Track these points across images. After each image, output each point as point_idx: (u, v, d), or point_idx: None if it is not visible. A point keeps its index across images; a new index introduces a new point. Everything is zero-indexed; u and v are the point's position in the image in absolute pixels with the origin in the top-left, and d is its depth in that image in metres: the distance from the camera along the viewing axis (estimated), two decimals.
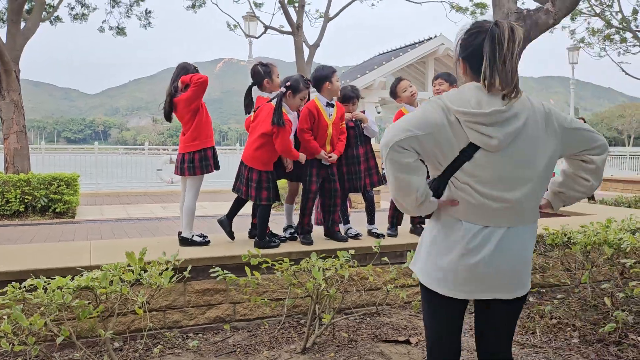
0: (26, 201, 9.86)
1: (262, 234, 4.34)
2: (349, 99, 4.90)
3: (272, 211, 4.42)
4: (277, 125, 4.16)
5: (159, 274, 3.10)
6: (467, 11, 16.37)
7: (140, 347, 3.56)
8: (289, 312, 4.12)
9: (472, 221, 1.90)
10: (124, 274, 3.03)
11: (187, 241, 4.34)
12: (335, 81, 4.51)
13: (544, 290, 4.81)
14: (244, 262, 3.65)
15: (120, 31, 16.03)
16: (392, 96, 4.98)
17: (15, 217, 9.76)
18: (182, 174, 4.40)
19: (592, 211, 6.89)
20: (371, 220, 4.99)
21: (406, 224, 5.16)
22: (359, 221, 5.40)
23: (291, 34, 15.00)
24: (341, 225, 4.85)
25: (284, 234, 4.76)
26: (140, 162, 17.63)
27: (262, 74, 4.57)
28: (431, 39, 17.63)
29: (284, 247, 4.35)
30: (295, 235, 4.69)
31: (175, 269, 3.41)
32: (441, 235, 1.97)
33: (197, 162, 4.35)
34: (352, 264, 3.68)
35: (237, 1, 15.99)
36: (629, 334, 3.66)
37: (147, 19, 15.93)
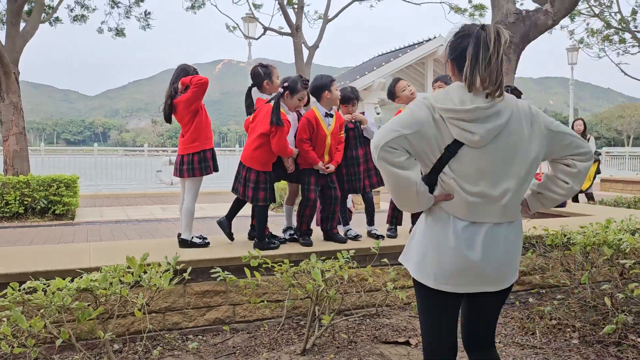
0: (25, 203, 9.86)
1: (261, 235, 4.34)
2: (348, 100, 4.89)
3: (272, 212, 4.42)
4: (275, 124, 4.16)
5: (158, 276, 3.10)
6: (466, 12, 16.40)
7: (139, 349, 3.56)
8: (289, 314, 4.12)
9: (460, 216, 1.96)
10: (123, 275, 3.03)
11: (187, 243, 4.34)
12: (334, 90, 4.50)
13: (544, 291, 4.82)
14: (244, 263, 3.65)
15: (119, 32, 16.04)
16: (391, 97, 4.92)
17: (14, 219, 9.76)
18: (181, 175, 4.40)
19: (592, 212, 6.89)
20: (371, 221, 4.99)
21: (406, 224, 5.16)
22: (358, 222, 5.40)
23: (290, 35, 15.02)
24: (340, 226, 4.85)
25: (283, 235, 4.76)
26: (139, 163, 17.64)
27: (262, 75, 4.57)
28: (430, 40, 17.64)
29: (284, 248, 4.35)
30: (294, 236, 4.69)
31: (175, 270, 3.41)
32: (432, 229, 2.03)
33: (196, 163, 4.35)
34: (351, 265, 3.68)
35: (237, 2, 16.01)
36: (628, 334, 3.67)
37: (146, 20, 15.94)
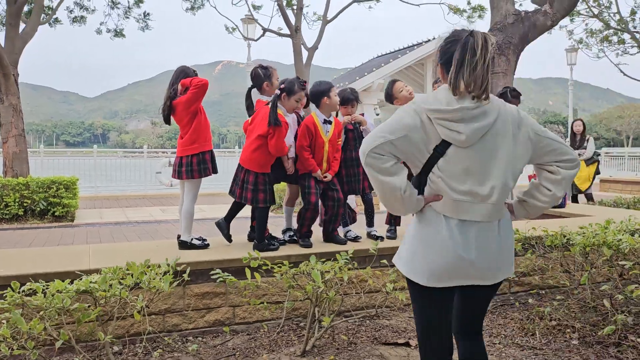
0: (25, 205, 9.86)
1: (260, 237, 4.34)
2: (348, 102, 4.88)
3: (272, 214, 4.42)
4: (273, 125, 4.16)
5: (158, 278, 3.10)
6: (465, 13, 16.41)
7: (139, 351, 3.55)
8: (289, 315, 4.12)
9: (450, 215, 2.02)
10: (123, 278, 3.03)
11: (186, 244, 4.34)
12: (333, 96, 4.50)
13: (544, 291, 4.82)
14: (244, 264, 3.65)
15: (118, 33, 16.04)
16: (389, 100, 4.87)
17: (14, 221, 9.76)
18: (180, 177, 4.39)
19: (591, 212, 6.89)
20: (370, 222, 4.99)
21: (405, 225, 5.15)
22: (358, 224, 5.39)
23: (290, 36, 15.02)
24: (340, 227, 4.85)
25: (283, 236, 4.75)
26: (139, 165, 17.65)
27: (262, 76, 4.57)
28: (429, 41, 17.64)
29: (283, 249, 4.35)
30: (294, 238, 4.69)
31: (174, 272, 3.41)
32: (423, 229, 2.10)
33: (195, 165, 4.34)
34: (351, 266, 3.68)
35: (236, 4, 16.01)
36: (628, 335, 3.66)
37: (145, 21, 15.95)
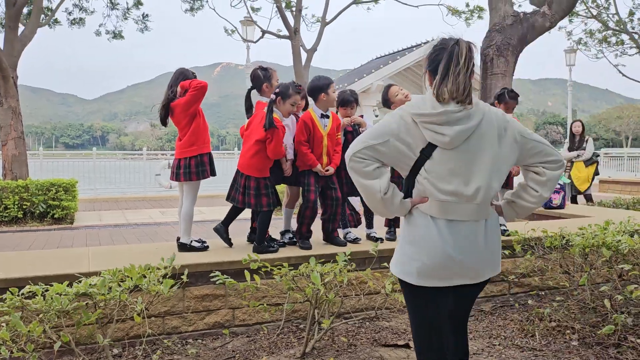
0: (24, 207, 9.85)
1: (261, 239, 4.34)
2: (347, 103, 4.88)
3: (272, 215, 4.41)
4: (269, 129, 4.16)
5: (158, 281, 3.10)
6: (464, 14, 16.42)
7: (139, 354, 3.55)
8: (288, 317, 4.11)
9: (437, 215, 2.08)
10: (122, 280, 3.03)
11: (186, 247, 4.34)
12: (331, 92, 4.51)
13: (543, 292, 4.82)
14: (243, 266, 3.65)
15: (117, 35, 16.04)
16: (386, 105, 4.87)
17: (13, 224, 9.75)
18: (178, 179, 4.38)
19: (590, 213, 6.90)
20: (370, 224, 4.99)
21: None
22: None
23: (289, 38, 15.02)
24: (340, 229, 4.85)
25: (281, 238, 4.75)
26: (138, 167, 17.64)
27: (261, 78, 4.58)
28: (428, 42, 17.64)
29: (283, 252, 4.35)
30: (294, 240, 4.69)
31: (174, 274, 3.41)
32: (412, 229, 2.16)
33: (194, 167, 4.34)
34: (350, 267, 3.68)
35: (235, 6, 16.02)
36: (628, 336, 3.67)
37: (144, 23, 15.95)
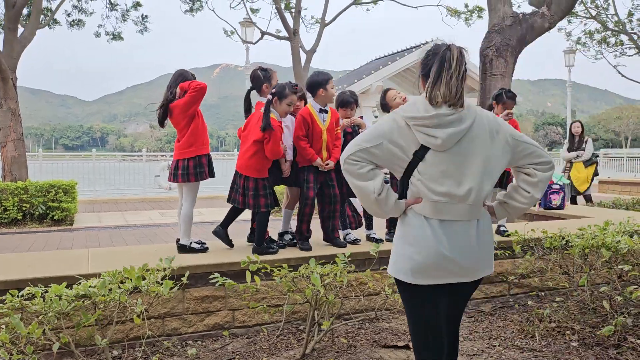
0: (24, 209, 9.85)
1: (260, 240, 4.34)
2: (347, 104, 4.88)
3: (272, 217, 4.41)
4: (266, 130, 4.16)
5: (157, 282, 3.10)
6: (463, 15, 16.44)
7: (139, 355, 3.55)
8: (288, 319, 4.11)
9: (430, 215, 2.14)
10: (122, 282, 3.02)
11: (185, 248, 4.34)
12: (329, 88, 4.51)
13: (543, 293, 4.82)
14: (243, 268, 3.65)
15: (116, 36, 16.04)
16: (384, 109, 4.91)
17: (13, 225, 9.75)
18: (176, 180, 4.37)
19: (590, 214, 6.90)
20: (369, 225, 4.99)
21: None
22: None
23: (288, 39, 15.03)
24: (340, 230, 4.85)
25: (280, 239, 4.74)
26: (138, 168, 17.64)
27: (261, 78, 4.58)
28: (427, 43, 17.67)
29: (283, 253, 4.35)
30: (294, 241, 4.69)
31: (173, 276, 3.41)
32: (407, 229, 2.21)
33: (192, 169, 4.33)
34: (349, 269, 3.68)
35: (234, 7, 16.04)
36: (628, 336, 3.67)
37: (143, 24, 15.95)
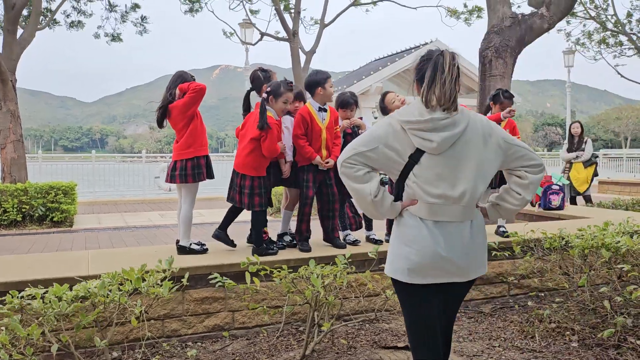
0: (23, 210, 9.85)
1: (258, 241, 4.33)
2: (347, 105, 4.89)
3: (272, 218, 4.41)
4: (263, 128, 4.16)
5: (157, 283, 3.10)
6: (463, 15, 16.45)
7: (138, 357, 3.55)
8: (288, 320, 4.11)
9: (425, 217, 2.19)
10: (122, 283, 3.02)
11: (185, 249, 4.33)
12: (328, 87, 4.52)
13: (543, 294, 4.82)
14: (243, 269, 3.65)
15: (115, 37, 16.04)
16: (384, 112, 4.92)
17: (12, 227, 9.75)
18: (173, 181, 4.36)
19: (590, 214, 6.90)
20: (369, 226, 4.99)
21: None
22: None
23: (287, 40, 15.03)
24: (340, 231, 4.85)
25: (279, 240, 4.74)
26: (137, 169, 17.63)
27: (261, 79, 4.58)
28: (427, 44, 17.68)
29: (282, 254, 4.35)
30: (293, 242, 4.68)
31: (173, 277, 3.40)
32: (403, 230, 2.26)
33: (189, 169, 4.32)
34: (349, 270, 3.68)
35: (233, 8, 16.04)
36: (628, 337, 3.66)
37: (142, 25, 15.95)
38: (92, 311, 3.02)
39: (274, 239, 4.75)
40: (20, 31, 11.75)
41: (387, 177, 4.42)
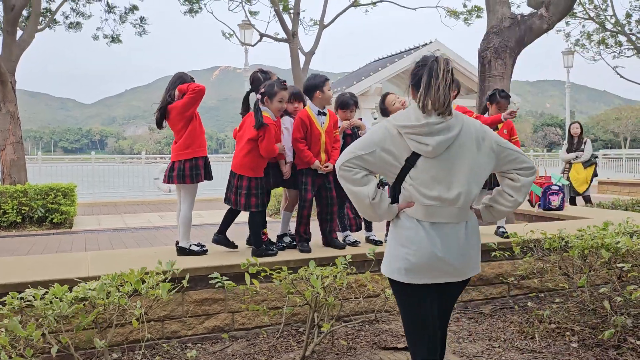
0: (23, 212, 9.85)
1: (258, 242, 4.33)
2: (347, 106, 4.89)
3: (272, 219, 4.41)
4: (260, 128, 4.16)
5: (157, 285, 3.09)
6: (462, 15, 16.46)
7: (138, 358, 3.55)
8: (288, 321, 4.11)
9: (421, 218, 2.25)
10: (121, 285, 3.02)
11: (185, 251, 4.33)
12: (326, 90, 4.52)
13: (542, 294, 4.82)
14: (242, 270, 3.64)
15: (114, 39, 16.04)
16: (384, 113, 4.91)
17: (12, 228, 9.75)
18: (171, 181, 4.35)
19: (589, 215, 6.90)
20: (369, 227, 4.99)
21: None
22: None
23: (287, 41, 15.04)
24: (339, 232, 4.85)
25: (279, 241, 4.74)
26: (137, 171, 17.64)
27: (261, 80, 4.58)
28: (426, 44, 17.70)
29: (282, 255, 4.35)
30: (293, 243, 4.68)
31: (173, 278, 3.40)
32: (400, 231, 2.30)
33: (187, 170, 4.31)
34: (349, 271, 3.68)
35: (233, 10, 16.05)
36: (627, 337, 3.67)
37: (141, 26, 15.95)
38: (92, 312, 3.02)
39: (274, 240, 4.75)
40: (19, 32, 11.76)
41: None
